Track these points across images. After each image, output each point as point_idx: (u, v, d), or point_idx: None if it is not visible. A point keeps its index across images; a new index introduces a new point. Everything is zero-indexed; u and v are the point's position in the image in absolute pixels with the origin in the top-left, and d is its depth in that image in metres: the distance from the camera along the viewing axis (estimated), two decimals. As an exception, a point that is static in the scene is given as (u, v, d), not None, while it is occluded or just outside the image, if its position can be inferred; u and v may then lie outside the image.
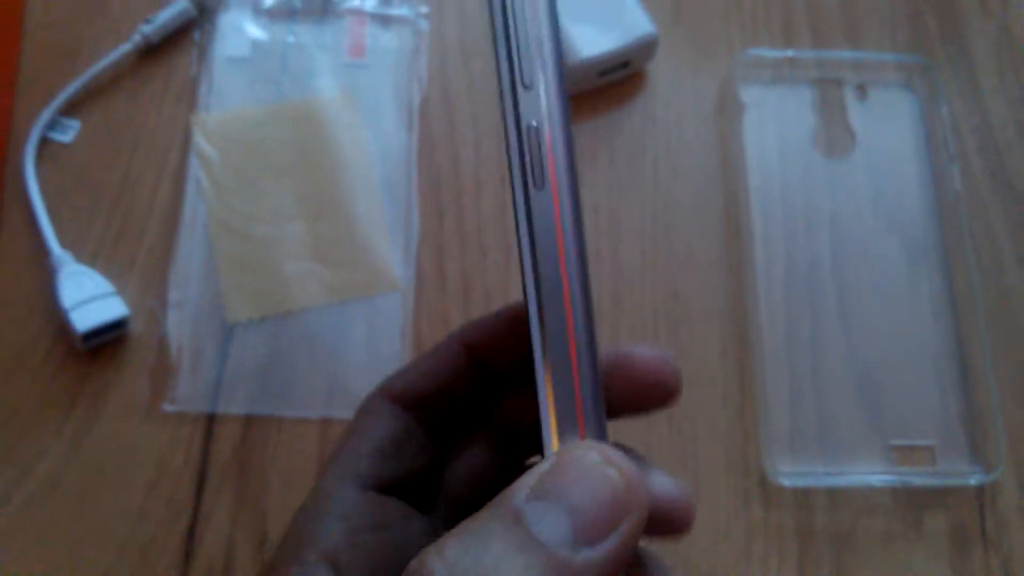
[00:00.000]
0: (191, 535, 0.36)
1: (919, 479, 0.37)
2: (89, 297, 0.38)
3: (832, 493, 0.37)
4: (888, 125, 0.44)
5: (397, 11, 0.45)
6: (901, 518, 0.37)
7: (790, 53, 0.44)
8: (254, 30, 0.45)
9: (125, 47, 0.43)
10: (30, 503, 0.37)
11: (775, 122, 0.43)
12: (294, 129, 0.42)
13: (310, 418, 0.38)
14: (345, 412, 0.37)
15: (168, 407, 0.38)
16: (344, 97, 0.43)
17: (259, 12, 0.45)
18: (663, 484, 0.23)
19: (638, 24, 0.42)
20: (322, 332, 0.39)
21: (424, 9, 0.45)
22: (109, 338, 0.38)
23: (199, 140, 0.42)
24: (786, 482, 0.37)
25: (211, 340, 0.38)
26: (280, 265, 0.40)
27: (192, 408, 0.37)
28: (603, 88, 0.44)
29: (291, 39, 0.44)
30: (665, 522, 0.22)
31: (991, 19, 0.47)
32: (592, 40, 0.42)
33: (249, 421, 0.38)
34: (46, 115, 0.42)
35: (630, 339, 0.40)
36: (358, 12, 0.45)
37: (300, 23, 0.45)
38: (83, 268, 0.39)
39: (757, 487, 0.37)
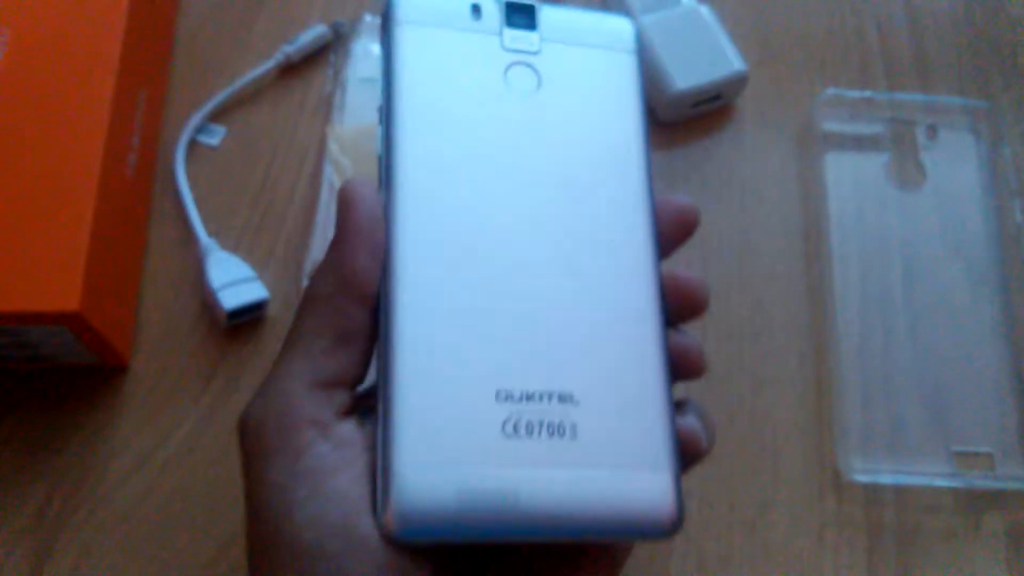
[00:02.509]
0: (316, 498, 0.40)
1: (979, 482, 0.41)
2: (234, 280, 0.42)
3: (899, 491, 0.41)
4: (955, 163, 0.48)
5: None
6: (962, 517, 0.41)
7: (867, 94, 0.48)
8: None
9: (268, 64, 0.48)
10: (167, 464, 0.41)
11: (852, 156, 0.48)
12: None
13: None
14: None
15: None
16: None
17: None
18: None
19: (730, 61, 0.47)
20: None
21: None
22: (249, 318, 0.43)
23: (333, 148, 0.46)
24: (858, 478, 0.40)
25: None
26: None
27: None
28: (696, 119, 0.48)
29: None
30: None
31: (1052, 72, 0.51)
32: (687, 74, 0.46)
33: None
34: (196, 119, 0.47)
35: (718, 345, 0.43)
36: None
37: None
38: (228, 254, 0.43)
39: (831, 482, 0.41)
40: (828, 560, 0.40)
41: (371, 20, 0.50)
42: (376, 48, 0.49)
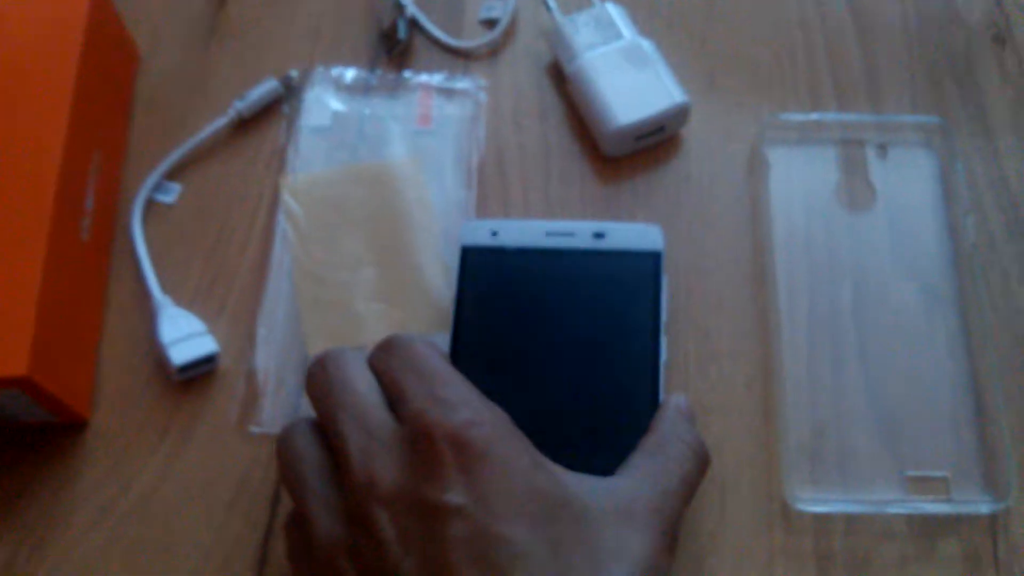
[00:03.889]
0: (265, 544, 0.41)
1: (934, 507, 0.40)
2: (185, 335, 0.43)
3: (850, 519, 0.40)
4: (907, 181, 0.47)
5: (460, 84, 0.51)
6: (916, 544, 0.40)
7: (815, 116, 0.48)
8: (335, 103, 0.51)
9: (221, 120, 0.50)
10: (127, 516, 0.42)
11: (800, 179, 0.47)
12: (368, 188, 0.48)
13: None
14: None
15: (253, 429, 0.43)
16: (412, 161, 0.49)
17: (340, 88, 0.51)
18: None
19: (671, 93, 0.47)
20: None
21: (483, 83, 0.51)
22: (201, 372, 0.44)
23: (287, 198, 0.47)
24: (805, 508, 0.40)
25: (293, 371, 0.44)
26: (353, 304, 0.45)
27: (274, 430, 0.43)
28: (641, 152, 0.48)
29: (367, 111, 0.50)
30: None
31: (1008, 83, 0.50)
32: (629, 109, 0.47)
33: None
34: (152, 179, 0.49)
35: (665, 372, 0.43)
36: (426, 86, 0.51)
37: (375, 96, 0.51)
38: (180, 311, 0.45)
39: (779, 512, 0.41)
40: (778, 592, 0.39)
41: (323, 70, 0.51)
42: (328, 98, 0.51)
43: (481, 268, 0.43)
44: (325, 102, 0.51)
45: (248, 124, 0.50)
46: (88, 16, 0.45)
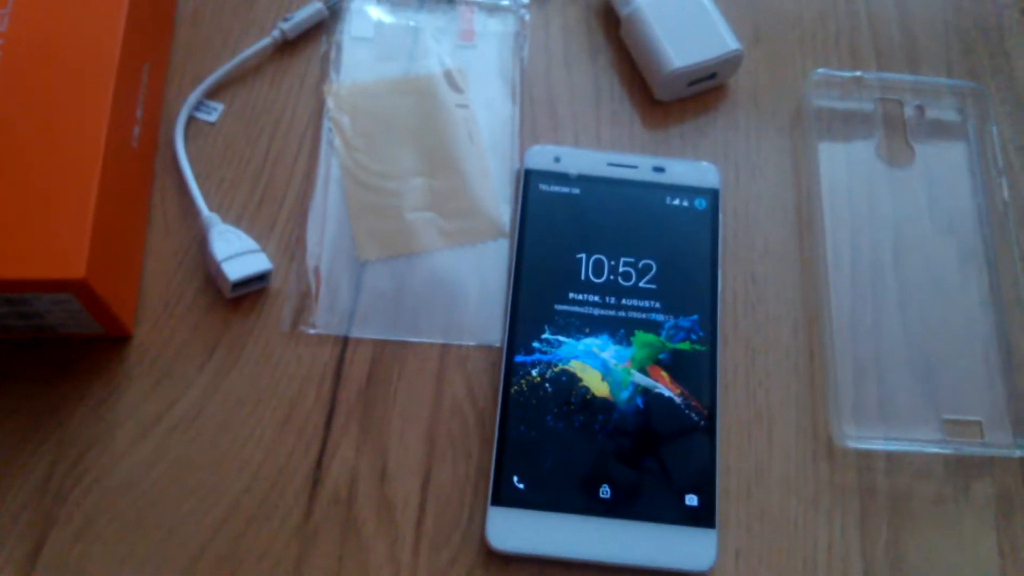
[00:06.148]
0: (319, 465, 0.41)
1: (968, 449, 0.42)
2: (238, 252, 0.43)
3: (890, 457, 0.42)
4: (943, 142, 0.49)
5: (502, 1, 0.51)
6: (952, 483, 0.42)
7: (857, 74, 0.49)
8: (379, 13, 0.50)
9: (264, 41, 0.49)
10: (172, 432, 0.41)
11: (843, 134, 0.49)
12: (414, 99, 0.48)
13: (431, 343, 0.43)
14: (461, 339, 0.43)
15: (308, 330, 0.43)
16: (457, 73, 0.49)
17: (382, 1, 0.51)
18: None
19: (725, 41, 0.48)
20: (440, 272, 0.44)
21: (525, 0, 0.51)
22: (253, 289, 0.43)
23: (331, 105, 0.47)
24: (850, 444, 0.41)
25: (345, 275, 0.44)
26: (403, 214, 0.45)
27: (329, 331, 0.43)
28: (692, 97, 0.49)
29: (411, 23, 0.50)
30: None
31: (1036, 54, 0.52)
32: (684, 53, 0.47)
33: (379, 345, 0.43)
34: (194, 96, 0.47)
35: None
36: (468, 2, 0.51)
37: (418, 10, 0.51)
38: (230, 227, 0.44)
39: (824, 448, 0.42)
40: (822, 524, 0.41)
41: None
42: (371, 8, 0.50)
43: (544, 191, 0.44)
44: (368, 13, 0.50)
45: (290, 47, 0.50)
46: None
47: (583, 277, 0.43)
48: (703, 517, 0.39)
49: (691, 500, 0.39)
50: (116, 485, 0.40)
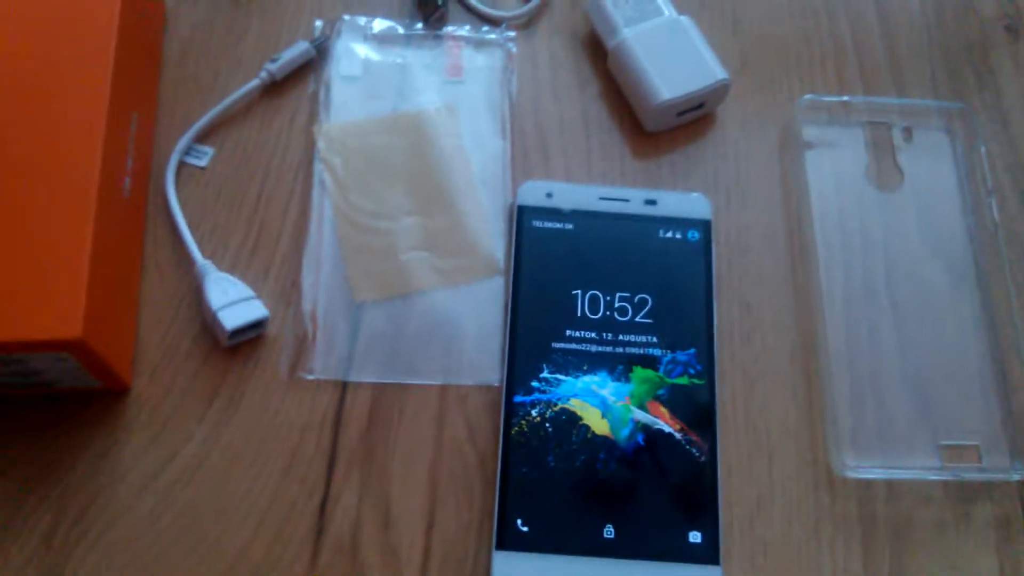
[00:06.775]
0: (322, 512, 0.41)
1: (967, 474, 0.42)
2: (233, 300, 0.43)
3: (890, 485, 0.42)
4: (932, 163, 0.49)
5: (488, 35, 0.51)
6: (951, 508, 0.42)
7: (844, 98, 0.50)
8: (366, 51, 0.50)
9: (252, 83, 0.49)
10: (175, 484, 0.41)
11: (831, 159, 0.49)
12: (404, 137, 0.48)
13: (430, 384, 0.43)
14: (460, 379, 0.43)
15: (306, 376, 0.43)
16: (446, 109, 0.49)
17: (368, 38, 0.51)
18: None
19: (712, 70, 0.48)
20: (437, 311, 0.44)
21: (511, 33, 0.51)
22: (249, 337, 0.43)
23: (322, 146, 0.47)
24: (849, 474, 0.42)
25: (342, 318, 0.44)
26: (398, 254, 0.45)
27: (328, 376, 0.43)
28: (680, 127, 0.49)
29: (398, 60, 0.50)
30: None
31: (1021, 73, 0.52)
32: (672, 84, 0.47)
33: (377, 388, 0.43)
34: (184, 141, 0.47)
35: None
36: (455, 37, 0.51)
37: (405, 47, 0.51)
38: (225, 275, 0.44)
39: (824, 477, 0.42)
40: (826, 553, 0.41)
41: (349, 19, 0.51)
42: (358, 46, 0.50)
43: (537, 227, 0.45)
44: (354, 51, 0.50)
45: (278, 88, 0.50)
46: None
47: (579, 313, 0.43)
48: (708, 554, 0.39)
49: (695, 537, 0.39)
50: (119, 539, 0.40)
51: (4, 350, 0.37)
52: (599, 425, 0.41)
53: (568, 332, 0.43)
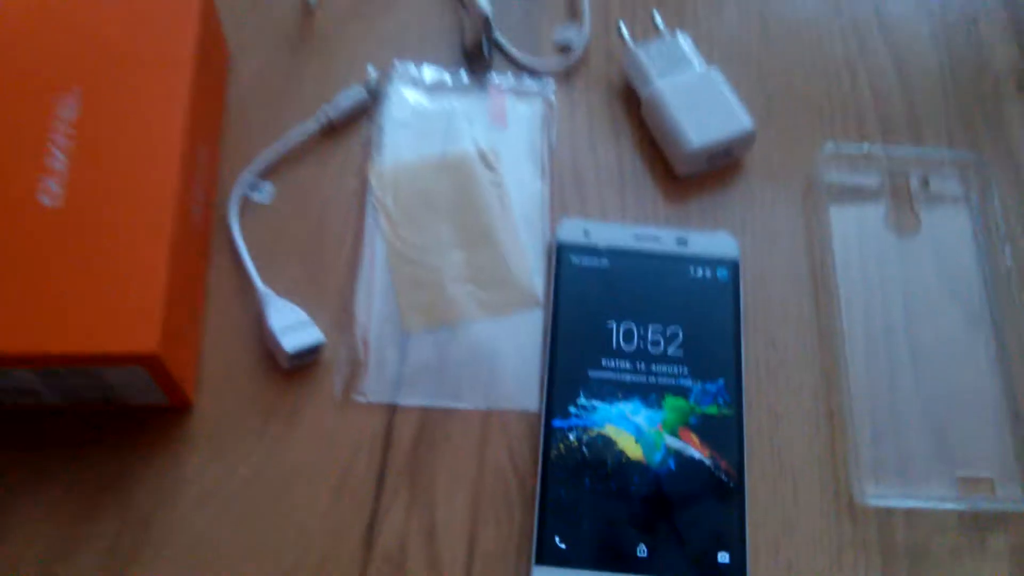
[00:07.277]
0: (371, 530, 0.43)
1: (982, 504, 0.45)
2: (292, 324, 0.46)
3: (909, 514, 0.44)
4: (947, 211, 0.52)
5: (529, 87, 0.55)
6: (968, 537, 0.44)
7: (865, 148, 0.53)
8: (416, 96, 0.54)
9: (311, 124, 0.52)
10: (233, 499, 0.43)
11: (853, 206, 0.52)
12: (451, 177, 0.51)
13: (474, 409, 0.46)
14: (501, 405, 0.46)
15: (359, 398, 0.46)
16: (490, 153, 0.52)
17: (419, 86, 0.54)
18: None
19: (740, 120, 0.51)
20: (480, 341, 0.47)
21: (552, 86, 0.55)
22: (307, 361, 0.46)
23: (374, 184, 0.51)
24: (871, 502, 0.44)
25: (391, 346, 0.47)
26: (444, 286, 0.48)
27: (378, 399, 0.46)
28: (709, 173, 0.52)
29: (446, 107, 0.54)
30: None
31: (1032, 126, 0.55)
32: (702, 132, 0.51)
33: (424, 412, 0.46)
34: (247, 176, 0.51)
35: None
36: (498, 87, 0.55)
37: (452, 95, 0.54)
38: (285, 301, 0.47)
39: (846, 507, 0.44)
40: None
41: (400, 66, 0.54)
42: (409, 92, 0.54)
43: (575, 263, 0.48)
44: (406, 97, 0.54)
45: (336, 131, 0.53)
46: (200, 10, 0.48)
47: (614, 345, 0.46)
48: (735, 574, 0.41)
49: (723, 557, 0.41)
50: (180, 551, 0.42)
51: (84, 362, 0.40)
52: (633, 450, 0.44)
53: (604, 362, 0.45)
